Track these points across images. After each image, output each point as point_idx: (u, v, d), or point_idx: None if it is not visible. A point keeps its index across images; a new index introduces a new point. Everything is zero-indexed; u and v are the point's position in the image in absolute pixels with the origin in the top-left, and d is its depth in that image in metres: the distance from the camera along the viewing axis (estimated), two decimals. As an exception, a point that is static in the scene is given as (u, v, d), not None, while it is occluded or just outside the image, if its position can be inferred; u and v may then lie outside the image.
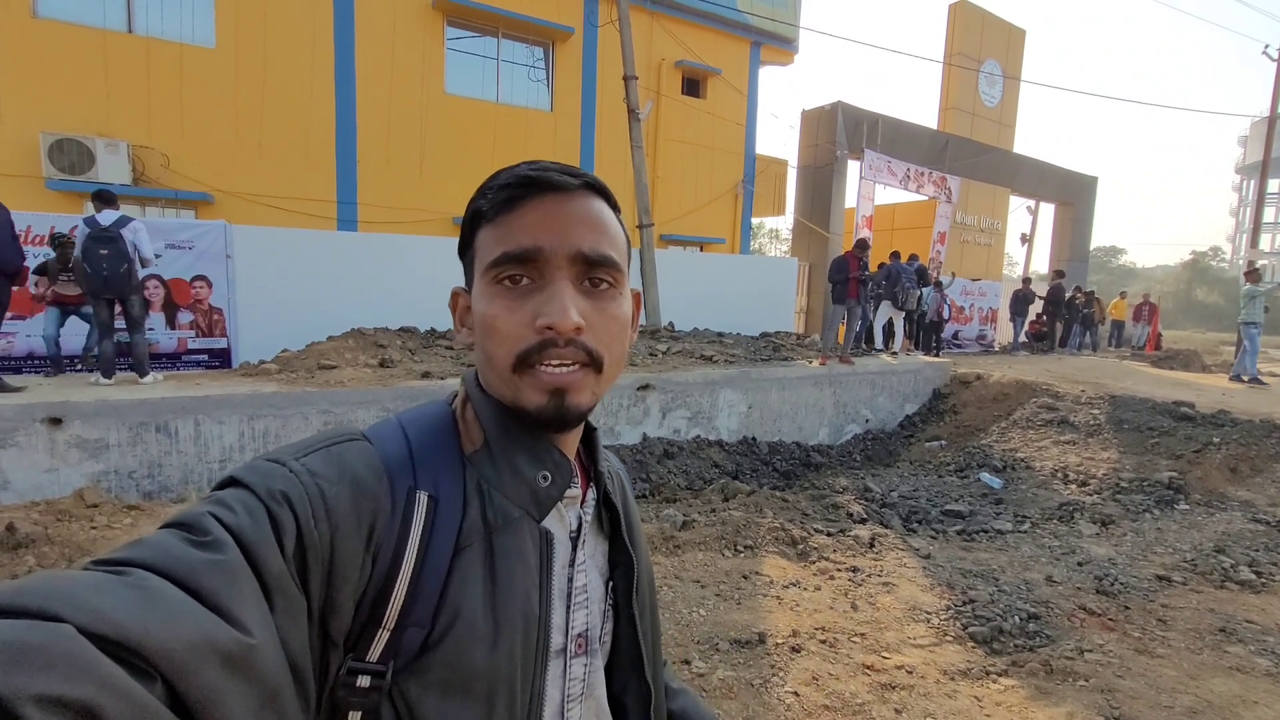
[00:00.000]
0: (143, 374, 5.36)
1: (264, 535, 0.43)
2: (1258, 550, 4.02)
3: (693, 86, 13.68)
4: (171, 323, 6.80)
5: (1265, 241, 54.01)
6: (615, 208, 0.60)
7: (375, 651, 0.48)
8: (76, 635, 0.31)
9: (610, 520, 0.64)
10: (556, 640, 0.56)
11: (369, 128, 10.41)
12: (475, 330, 0.57)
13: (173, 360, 6.74)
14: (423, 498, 0.52)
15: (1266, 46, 16.70)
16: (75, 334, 6.23)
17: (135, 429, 4.61)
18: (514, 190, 0.55)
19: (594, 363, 0.55)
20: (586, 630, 0.59)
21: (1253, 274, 9.12)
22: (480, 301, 0.56)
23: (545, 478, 0.56)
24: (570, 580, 0.58)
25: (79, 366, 6.37)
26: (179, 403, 4.75)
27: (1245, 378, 9.08)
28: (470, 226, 0.58)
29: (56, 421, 4.42)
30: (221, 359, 6.99)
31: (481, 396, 0.58)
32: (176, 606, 0.36)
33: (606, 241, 0.56)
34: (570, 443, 0.61)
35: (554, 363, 0.53)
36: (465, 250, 0.60)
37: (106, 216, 5.13)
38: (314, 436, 0.53)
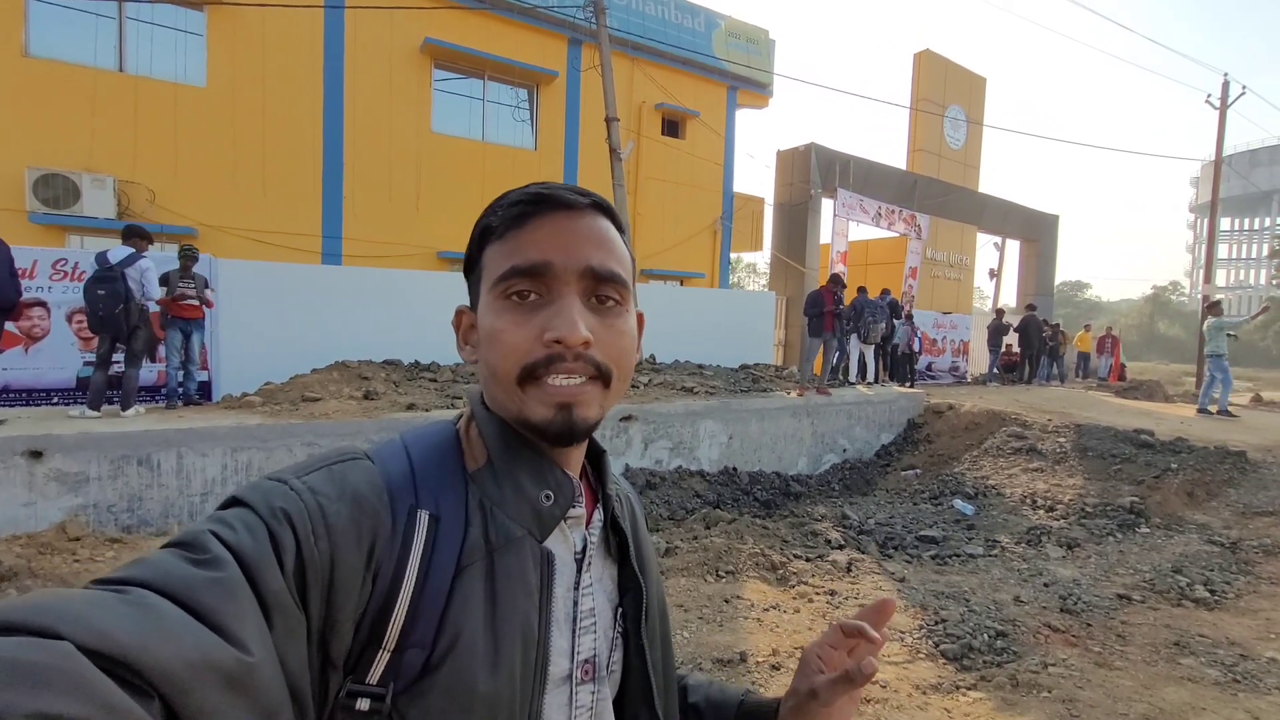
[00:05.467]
0: (126, 406, 5.35)
1: (264, 553, 0.42)
2: (1212, 570, 4.22)
3: (672, 128, 14.18)
4: (152, 356, 6.78)
5: (1220, 276, 56.42)
6: (621, 229, 0.60)
7: (375, 673, 0.48)
8: (75, 653, 0.31)
9: (618, 545, 0.62)
10: (561, 665, 0.54)
11: (355, 164, 10.62)
12: (480, 346, 0.57)
13: (153, 393, 6.71)
14: (424, 516, 0.51)
15: (1209, 95, 17.85)
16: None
17: (116, 462, 4.59)
18: (525, 207, 0.55)
19: (602, 376, 0.55)
20: (593, 656, 0.57)
21: (1214, 307, 9.21)
22: (487, 316, 0.56)
23: (548, 496, 0.55)
24: (575, 604, 0.56)
25: (59, 402, 6.32)
26: (162, 435, 4.75)
27: (1214, 409, 9.18)
28: (478, 244, 0.58)
29: (37, 454, 4.40)
30: (202, 392, 6.97)
31: (486, 414, 0.57)
32: (176, 625, 0.36)
33: (614, 259, 0.57)
34: (574, 462, 0.60)
35: (561, 376, 0.53)
36: (471, 268, 0.60)
37: (117, 253, 5.23)
38: (317, 455, 0.53)
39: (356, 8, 10.26)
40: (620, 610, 0.61)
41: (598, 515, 0.62)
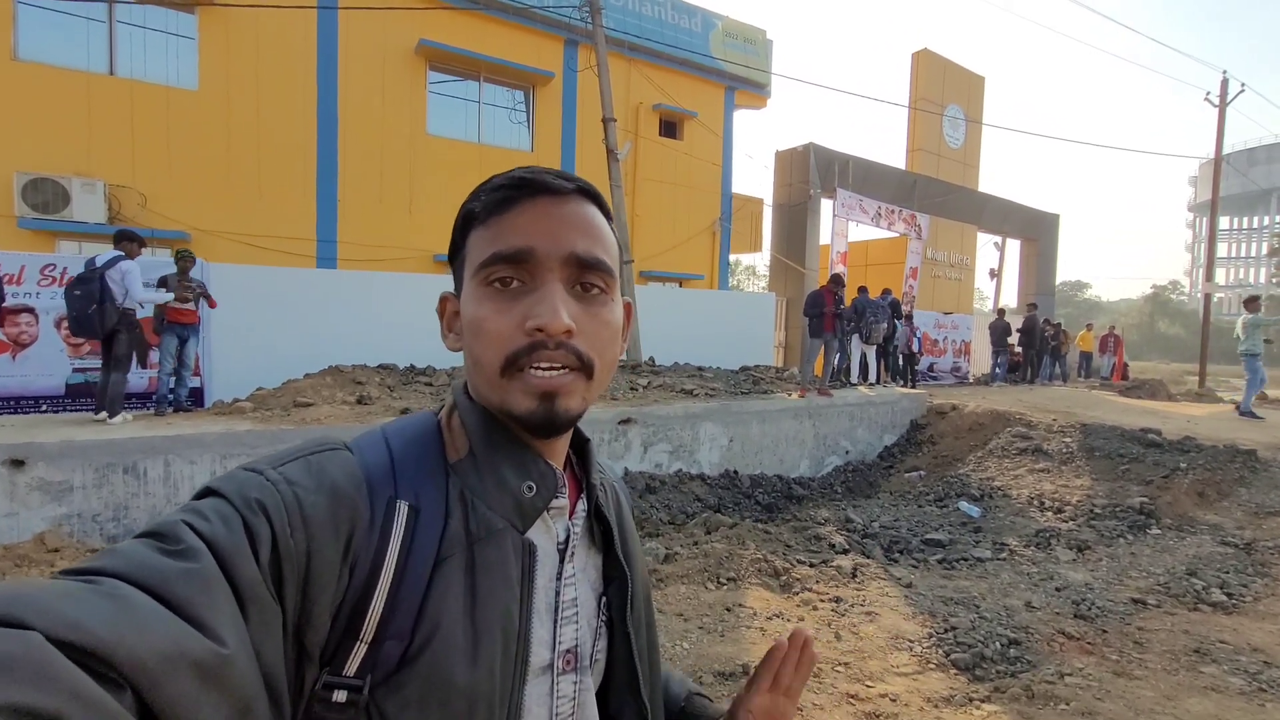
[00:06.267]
0: (113, 413, 5.25)
1: (239, 544, 0.42)
2: (1227, 572, 4.11)
3: (670, 128, 14.10)
4: (143, 362, 6.68)
5: (1220, 275, 56.38)
6: (608, 215, 0.59)
7: (352, 665, 0.47)
8: (45, 644, 0.31)
9: (603, 534, 0.62)
10: (543, 656, 0.54)
11: (349, 167, 10.52)
12: (463, 334, 0.56)
13: (143, 400, 6.60)
14: (403, 507, 0.51)
15: (1208, 93, 17.79)
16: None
17: (102, 470, 4.48)
18: (508, 191, 0.55)
19: (584, 367, 0.54)
20: (576, 646, 0.57)
21: (1252, 303, 8.71)
22: (470, 304, 0.55)
23: (530, 488, 0.55)
24: (558, 594, 0.56)
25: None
26: (149, 443, 4.64)
27: (1240, 412, 8.88)
28: (462, 230, 0.58)
29: (19, 463, 4.29)
30: (194, 398, 6.85)
31: (468, 404, 0.57)
32: (148, 615, 0.35)
33: (599, 246, 0.56)
34: (558, 452, 0.59)
35: (543, 365, 0.52)
36: (455, 255, 0.59)
37: (104, 257, 5.24)
38: (296, 445, 0.52)
39: (350, 9, 10.18)
40: (605, 599, 0.61)
41: (581, 505, 0.61)
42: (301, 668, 0.46)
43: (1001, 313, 13.85)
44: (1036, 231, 19.86)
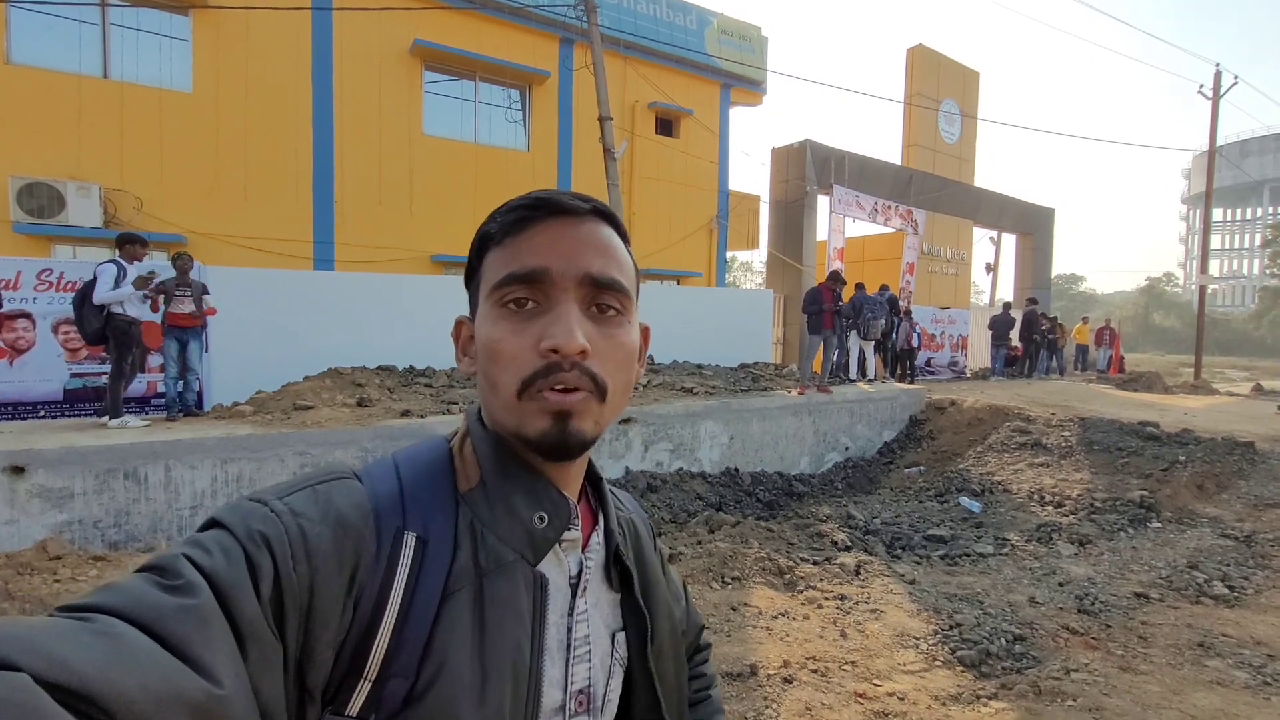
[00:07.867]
0: (111, 415, 5.27)
1: (239, 578, 0.41)
2: (1229, 565, 4.13)
3: (666, 126, 14.07)
4: (141, 366, 6.64)
5: (1214, 267, 56.56)
6: (625, 237, 0.59)
7: (355, 704, 0.45)
8: (32, 685, 0.30)
9: (620, 576, 0.60)
10: (554, 696, 0.52)
11: (346, 168, 10.48)
12: (478, 357, 0.55)
13: (142, 404, 6.57)
14: (410, 539, 0.49)
15: (1201, 86, 17.82)
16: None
17: (102, 476, 4.46)
18: (524, 212, 0.54)
19: (598, 390, 0.52)
20: (589, 686, 0.55)
21: None
22: (485, 325, 0.54)
23: (542, 519, 0.53)
24: (570, 630, 0.54)
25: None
26: (149, 448, 4.63)
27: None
28: (478, 252, 0.57)
29: (19, 470, 4.27)
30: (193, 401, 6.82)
31: (481, 432, 0.56)
32: (142, 654, 0.34)
33: (615, 266, 0.55)
34: (570, 482, 0.58)
35: (558, 387, 0.51)
36: (471, 277, 0.58)
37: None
38: (305, 474, 0.51)
39: (344, 9, 10.12)
40: (621, 636, 0.59)
41: (595, 538, 0.59)
42: (303, 707, 0.44)
43: (1007, 306, 13.85)
44: (1032, 226, 19.90)
